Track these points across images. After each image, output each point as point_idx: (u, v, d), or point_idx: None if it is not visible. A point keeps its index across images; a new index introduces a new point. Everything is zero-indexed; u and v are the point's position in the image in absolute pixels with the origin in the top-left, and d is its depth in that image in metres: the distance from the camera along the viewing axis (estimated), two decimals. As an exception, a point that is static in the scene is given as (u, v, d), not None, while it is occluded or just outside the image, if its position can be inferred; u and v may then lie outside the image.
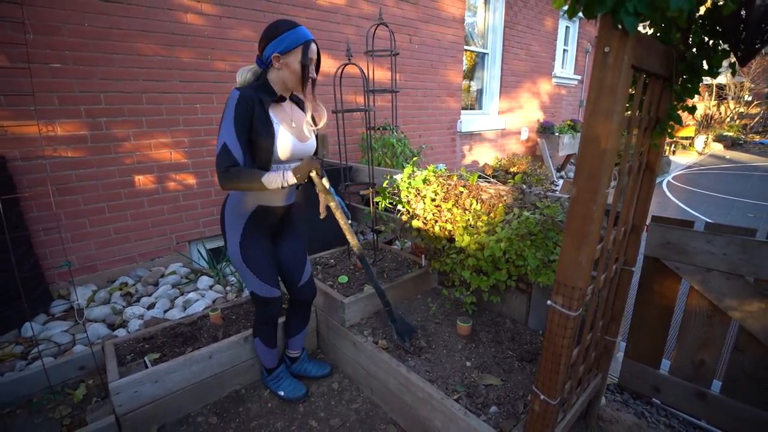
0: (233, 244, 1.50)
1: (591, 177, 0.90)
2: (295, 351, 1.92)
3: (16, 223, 2.18)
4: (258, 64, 1.43)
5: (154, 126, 2.71)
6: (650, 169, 1.33)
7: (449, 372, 1.61)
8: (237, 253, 1.50)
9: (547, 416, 1.15)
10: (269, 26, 1.37)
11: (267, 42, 1.36)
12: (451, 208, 1.99)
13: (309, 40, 1.38)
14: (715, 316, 1.48)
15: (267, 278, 1.56)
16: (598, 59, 0.85)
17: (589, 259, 0.96)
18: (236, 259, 1.51)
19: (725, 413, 1.50)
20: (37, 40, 2.22)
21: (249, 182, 1.33)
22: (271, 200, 1.52)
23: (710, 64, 1.14)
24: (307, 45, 1.38)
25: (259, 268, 1.53)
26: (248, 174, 1.33)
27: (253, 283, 1.55)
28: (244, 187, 1.34)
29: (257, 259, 1.52)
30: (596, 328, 1.38)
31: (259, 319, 1.67)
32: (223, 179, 1.32)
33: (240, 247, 1.49)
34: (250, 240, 1.51)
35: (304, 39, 1.37)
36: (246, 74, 1.42)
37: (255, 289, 1.57)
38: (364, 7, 3.80)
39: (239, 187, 1.34)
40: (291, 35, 1.35)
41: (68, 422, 1.59)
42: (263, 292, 1.58)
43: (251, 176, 1.33)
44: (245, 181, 1.33)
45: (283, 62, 1.37)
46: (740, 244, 1.35)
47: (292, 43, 1.35)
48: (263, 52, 1.38)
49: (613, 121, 0.86)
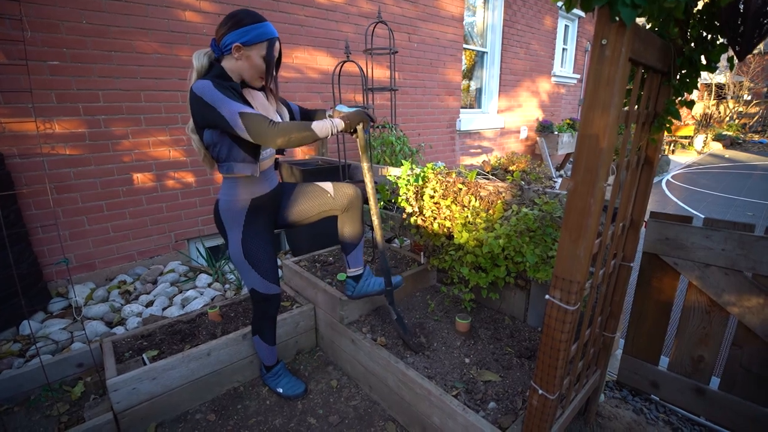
0: (235, 242, 1.47)
1: (589, 170, 0.90)
2: (356, 268, 1.76)
3: (14, 220, 2.18)
4: (213, 49, 1.37)
5: (152, 124, 2.71)
6: (649, 164, 1.32)
7: (448, 368, 1.61)
8: (239, 251, 1.48)
9: (545, 411, 1.14)
10: (234, 14, 1.32)
11: (229, 29, 1.30)
12: (450, 205, 1.99)
13: (275, 37, 1.35)
14: (713, 311, 1.48)
15: (268, 274, 1.55)
16: (596, 52, 0.85)
17: (587, 253, 0.96)
18: (238, 257, 1.49)
19: (724, 409, 1.50)
20: (35, 37, 2.21)
21: (301, 130, 1.28)
22: (261, 189, 1.49)
23: (708, 58, 1.14)
24: (272, 41, 1.34)
25: (261, 264, 1.52)
26: (298, 124, 1.28)
27: (254, 280, 1.54)
28: (297, 136, 1.27)
29: (259, 255, 1.51)
30: (595, 323, 1.38)
31: (259, 316, 1.66)
32: (274, 132, 1.24)
33: (242, 245, 1.47)
34: (252, 236, 1.49)
35: (271, 35, 1.34)
36: (202, 59, 1.35)
37: (256, 286, 1.56)
38: (363, 5, 3.80)
39: (292, 137, 1.26)
40: (258, 28, 1.31)
41: (66, 419, 1.59)
42: (264, 289, 1.57)
43: (302, 125, 1.28)
44: (297, 129, 1.27)
45: (243, 54, 1.32)
46: (738, 240, 1.35)
47: (257, 36, 1.31)
48: (223, 38, 1.32)
49: (611, 114, 0.86)
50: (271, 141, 1.26)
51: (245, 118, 1.23)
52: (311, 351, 2.15)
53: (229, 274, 2.79)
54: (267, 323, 1.68)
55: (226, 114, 1.24)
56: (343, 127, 1.40)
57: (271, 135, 1.24)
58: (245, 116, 1.23)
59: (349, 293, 1.80)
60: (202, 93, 1.25)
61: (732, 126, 12.91)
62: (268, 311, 1.64)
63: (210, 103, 1.25)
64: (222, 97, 1.24)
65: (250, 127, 1.24)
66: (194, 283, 2.64)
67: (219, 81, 1.29)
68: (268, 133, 1.24)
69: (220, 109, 1.24)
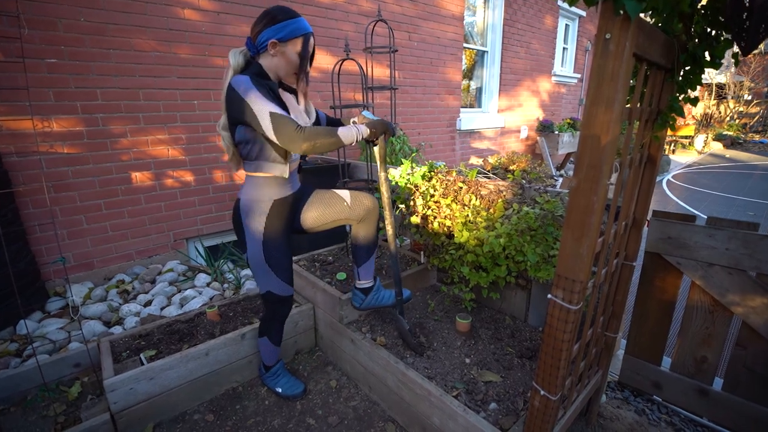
0: (256, 246, 1.45)
1: (592, 167, 0.89)
2: (366, 281, 1.74)
3: (11, 218, 2.17)
4: (248, 48, 1.37)
5: (151, 122, 2.69)
6: (651, 162, 1.31)
7: (448, 369, 1.60)
8: (260, 255, 1.45)
9: (547, 412, 1.13)
10: (268, 11, 1.32)
11: (265, 26, 1.31)
12: (450, 203, 1.97)
13: (310, 32, 1.36)
14: (716, 311, 1.47)
15: (286, 277, 1.54)
16: (599, 47, 0.84)
17: (590, 252, 0.94)
18: (258, 260, 1.47)
19: (727, 410, 1.48)
20: (33, 34, 2.20)
21: (327, 137, 1.27)
22: (284, 191, 1.47)
23: (712, 54, 1.12)
24: (307, 36, 1.35)
25: (280, 267, 1.50)
26: (323, 129, 1.27)
27: (272, 283, 1.52)
28: (323, 142, 1.26)
29: (279, 258, 1.49)
30: (597, 323, 1.36)
31: (272, 317, 1.63)
32: (300, 137, 1.23)
33: (264, 249, 1.45)
34: (273, 239, 1.46)
35: (306, 30, 1.34)
36: (238, 57, 1.35)
37: (273, 289, 1.53)
38: (363, 3, 3.78)
39: (317, 143, 1.25)
40: (293, 24, 1.32)
41: (62, 420, 1.57)
42: (281, 291, 1.55)
43: (328, 131, 1.28)
44: (324, 135, 1.26)
45: (279, 50, 1.33)
46: (742, 239, 1.34)
47: (293, 32, 1.32)
48: (258, 35, 1.32)
49: (615, 110, 0.84)
50: (296, 145, 1.24)
51: (274, 118, 1.23)
52: (310, 351, 2.13)
53: (228, 273, 2.78)
54: (277, 324, 1.66)
55: (257, 111, 1.23)
56: (368, 134, 1.41)
57: (297, 139, 1.23)
58: (275, 117, 1.23)
59: (357, 304, 1.77)
60: (238, 86, 1.25)
61: (732, 126, 12.89)
62: (281, 312, 1.63)
63: (244, 97, 1.24)
64: (257, 93, 1.24)
65: (278, 129, 1.23)
66: (193, 283, 2.62)
67: (257, 78, 1.29)
68: (295, 137, 1.23)
69: (252, 105, 1.24)
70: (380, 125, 1.45)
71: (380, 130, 1.45)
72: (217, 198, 3.08)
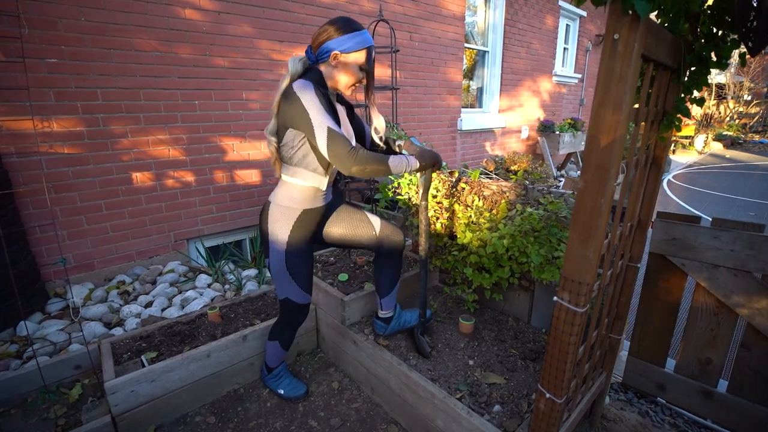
0: (278, 253, 1.43)
1: (599, 168, 0.88)
2: (388, 311, 1.74)
3: (11, 219, 2.15)
4: (308, 56, 1.36)
5: (151, 122, 2.68)
6: (657, 163, 1.30)
7: (452, 371, 1.59)
8: (282, 264, 1.44)
9: (552, 415, 1.12)
10: (337, 21, 1.30)
11: (329, 37, 1.29)
12: (453, 204, 1.96)
13: (372, 45, 1.33)
14: (721, 313, 1.46)
15: (306, 286, 1.53)
16: (607, 48, 0.83)
17: (597, 254, 0.94)
18: (280, 268, 1.45)
19: (732, 412, 1.47)
20: (33, 34, 2.18)
21: (378, 164, 1.26)
22: (316, 202, 1.45)
23: (719, 55, 1.11)
24: (370, 50, 1.33)
25: (301, 276, 1.49)
26: (375, 155, 1.27)
27: (292, 291, 1.51)
28: (371, 169, 1.26)
29: (301, 267, 1.48)
30: (602, 325, 1.35)
31: (287, 323, 1.62)
32: (351, 160, 1.22)
33: (285, 257, 1.44)
34: (296, 249, 1.45)
35: (369, 43, 1.31)
36: (297, 64, 1.34)
37: (292, 296, 1.52)
38: (364, 3, 3.78)
39: (367, 169, 1.25)
40: (358, 36, 1.29)
41: (63, 422, 1.56)
42: (300, 299, 1.54)
43: (379, 158, 1.27)
44: (374, 162, 1.26)
45: (341, 61, 1.31)
46: (748, 240, 1.33)
47: (358, 44, 1.29)
48: (322, 45, 1.30)
49: (623, 111, 0.83)
50: (346, 167, 1.24)
51: (331, 135, 1.22)
52: (312, 352, 2.13)
53: (229, 274, 2.77)
54: (291, 330, 1.65)
55: (315, 123, 1.22)
56: (417, 167, 1.40)
57: (348, 161, 1.22)
58: (331, 134, 1.22)
59: (380, 332, 1.78)
60: (301, 93, 1.23)
61: (732, 126, 12.90)
62: (297, 319, 1.62)
63: (305, 106, 1.23)
64: (319, 104, 1.23)
65: (332, 147, 1.22)
66: (194, 284, 2.61)
67: (318, 87, 1.27)
68: (347, 158, 1.22)
69: (311, 116, 1.23)
70: (430, 158, 1.44)
71: (429, 163, 1.44)
72: (218, 198, 3.07)
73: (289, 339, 1.68)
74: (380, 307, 1.74)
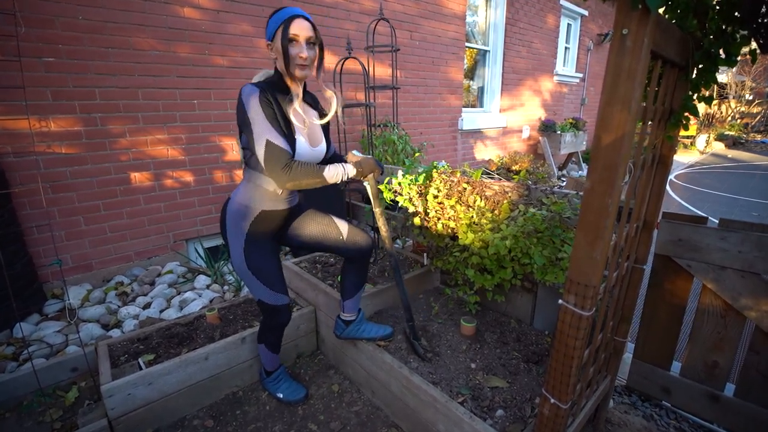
0: (237, 252, 1.41)
1: (607, 168, 0.85)
2: (350, 314, 1.73)
3: (8, 220, 2.13)
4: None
5: (150, 122, 2.66)
6: (663, 163, 1.27)
7: (453, 374, 1.56)
8: (242, 262, 1.41)
9: (557, 420, 1.09)
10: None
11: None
12: (455, 204, 1.94)
13: (290, 17, 1.23)
14: (729, 315, 1.43)
15: (275, 285, 1.49)
16: (615, 43, 0.80)
17: (604, 256, 0.91)
18: (241, 268, 1.43)
19: (739, 416, 1.45)
20: (30, 33, 2.16)
21: (313, 177, 1.28)
22: (277, 204, 1.42)
23: (728, 52, 1.08)
24: (287, 22, 1.22)
25: (265, 275, 1.45)
26: (310, 169, 1.28)
27: (261, 292, 1.48)
28: (307, 183, 1.28)
29: (263, 266, 1.44)
30: (607, 328, 1.33)
31: (267, 326, 1.60)
32: (285, 177, 1.23)
33: (244, 255, 1.41)
34: (255, 246, 1.42)
35: (285, 16, 1.23)
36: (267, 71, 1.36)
37: (263, 298, 1.49)
38: (364, 2, 3.75)
39: (302, 183, 1.27)
40: (273, 17, 1.26)
41: (59, 426, 1.54)
42: (272, 300, 1.51)
43: (314, 171, 1.28)
44: (309, 176, 1.27)
45: (274, 48, 1.28)
46: (756, 241, 1.30)
47: (274, 24, 1.25)
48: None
49: (631, 109, 0.81)
50: (280, 182, 1.25)
51: (269, 148, 1.22)
52: (312, 354, 2.10)
53: (228, 275, 2.74)
54: (275, 333, 1.63)
55: (256, 133, 1.22)
56: (354, 174, 1.40)
57: (282, 177, 1.24)
58: (269, 146, 1.22)
59: (337, 333, 1.76)
60: (246, 99, 1.23)
61: (734, 126, 12.85)
62: (276, 321, 1.59)
63: (249, 114, 1.23)
64: (262, 113, 1.22)
65: (268, 160, 1.23)
66: (192, 285, 2.59)
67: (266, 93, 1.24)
68: (281, 174, 1.23)
69: (253, 125, 1.23)
70: (367, 165, 1.44)
71: (367, 169, 1.44)
72: (217, 198, 3.05)
73: (275, 342, 1.65)
74: (342, 309, 1.74)
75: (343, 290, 1.69)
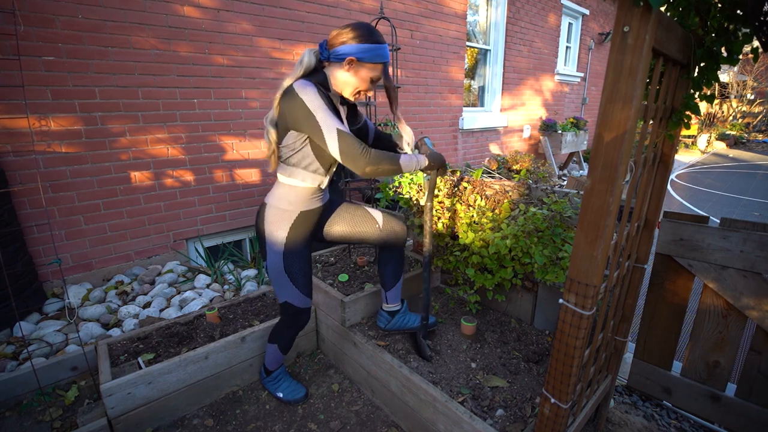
0: (276, 255, 1.41)
1: (608, 167, 0.85)
2: (394, 304, 1.74)
3: (8, 219, 2.13)
4: (321, 51, 1.31)
5: (150, 121, 2.65)
6: (664, 162, 1.27)
7: (453, 373, 1.56)
8: (280, 265, 1.42)
9: (557, 421, 1.09)
10: (360, 27, 1.26)
11: (350, 41, 1.25)
12: (455, 204, 1.93)
13: (388, 62, 1.33)
14: (730, 315, 1.43)
15: (305, 289, 1.50)
16: (616, 41, 0.80)
17: (604, 255, 0.91)
18: (278, 269, 1.43)
19: (740, 416, 1.44)
20: (29, 31, 2.16)
21: (390, 163, 1.27)
22: (314, 203, 1.43)
23: (730, 50, 1.08)
24: (386, 66, 1.33)
25: (300, 279, 1.47)
26: (388, 156, 1.27)
27: (291, 294, 1.48)
28: (383, 169, 1.25)
29: (300, 269, 1.46)
30: (608, 327, 1.32)
31: (287, 326, 1.60)
32: (364, 161, 1.21)
33: (284, 259, 1.41)
34: (294, 250, 1.42)
35: (386, 59, 1.31)
36: (312, 57, 1.30)
37: (291, 300, 1.49)
38: (365, 1, 3.74)
39: (380, 169, 1.24)
40: (379, 50, 1.27)
41: (59, 425, 1.54)
42: (300, 303, 1.52)
43: (391, 158, 1.27)
44: (387, 162, 1.26)
45: (354, 68, 1.28)
46: (758, 241, 1.30)
47: (375, 57, 1.27)
48: (340, 47, 1.26)
49: (632, 107, 0.80)
50: (360, 167, 1.23)
51: (342, 137, 1.20)
52: (312, 354, 2.10)
53: (228, 274, 2.74)
54: (291, 334, 1.63)
55: (324, 126, 1.20)
56: (426, 165, 1.41)
57: (362, 162, 1.22)
58: (342, 135, 1.20)
59: (381, 325, 1.77)
60: (304, 95, 1.21)
61: (736, 125, 12.82)
62: (298, 323, 1.59)
63: (310, 108, 1.20)
64: (324, 107, 1.21)
65: (344, 148, 1.21)
66: (193, 284, 2.59)
67: (321, 89, 1.25)
68: (360, 159, 1.21)
69: (318, 119, 1.20)
70: (438, 160, 1.46)
71: (437, 165, 1.46)
72: (218, 198, 3.05)
73: (288, 343, 1.65)
74: (385, 300, 1.74)
75: (384, 281, 1.70)
